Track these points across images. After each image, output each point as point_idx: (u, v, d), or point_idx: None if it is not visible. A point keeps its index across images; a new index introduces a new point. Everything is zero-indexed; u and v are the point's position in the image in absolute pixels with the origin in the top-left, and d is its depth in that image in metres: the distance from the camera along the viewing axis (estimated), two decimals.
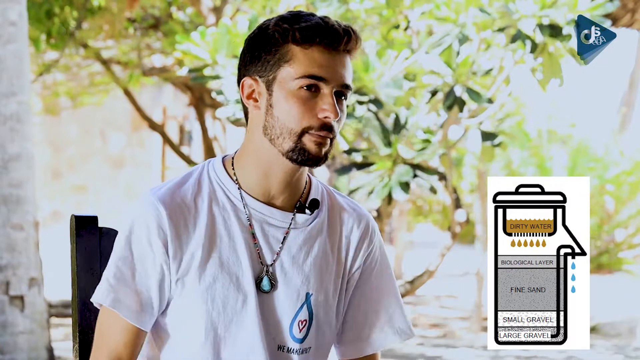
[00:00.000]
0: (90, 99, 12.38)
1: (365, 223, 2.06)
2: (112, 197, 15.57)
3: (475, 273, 9.01)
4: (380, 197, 5.96)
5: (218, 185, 1.98)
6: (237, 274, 1.94)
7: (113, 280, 1.93)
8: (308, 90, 1.90)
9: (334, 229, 2.03)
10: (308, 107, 1.90)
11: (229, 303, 1.94)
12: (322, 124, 1.91)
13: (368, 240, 2.06)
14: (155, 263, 1.93)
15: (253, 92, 1.95)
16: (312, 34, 1.90)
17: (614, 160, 13.83)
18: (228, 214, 1.96)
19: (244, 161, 1.98)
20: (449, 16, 6.08)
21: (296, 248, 1.98)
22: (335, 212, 2.05)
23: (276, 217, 1.97)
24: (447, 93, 6.16)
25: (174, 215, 1.93)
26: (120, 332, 1.93)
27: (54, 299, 8.70)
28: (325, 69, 1.91)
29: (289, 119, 1.90)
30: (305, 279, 1.98)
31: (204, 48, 6.24)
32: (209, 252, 1.94)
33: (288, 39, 1.91)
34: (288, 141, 1.91)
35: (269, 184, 1.97)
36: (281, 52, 1.91)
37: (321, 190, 2.05)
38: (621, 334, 8.85)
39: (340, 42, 1.91)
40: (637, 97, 17.60)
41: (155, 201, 1.93)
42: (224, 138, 11.92)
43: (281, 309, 1.97)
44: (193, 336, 1.95)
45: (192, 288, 1.93)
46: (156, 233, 1.92)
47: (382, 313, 2.07)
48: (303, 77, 1.90)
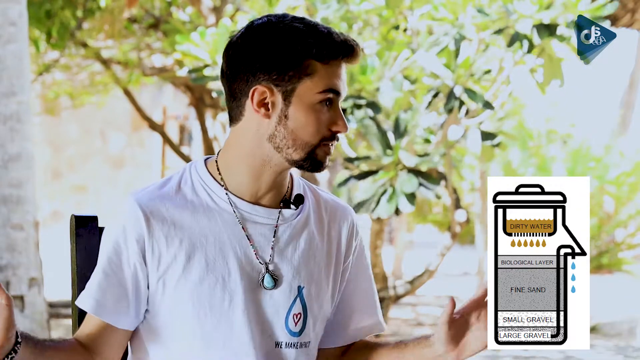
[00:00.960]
0: (90, 98, 12.39)
1: (351, 218, 2.11)
2: (112, 197, 15.58)
3: (475, 273, 9.00)
4: (388, 212, 5.96)
5: (202, 187, 2.00)
6: (223, 274, 1.96)
7: (90, 284, 1.98)
8: (326, 104, 1.95)
9: (321, 223, 2.06)
10: (323, 120, 1.95)
11: (216, 303, 1.95)
12: (333, 134, 1.97)
13: (355, 234, 2.11)
14: (130, 262, 1.96)
15: (265, 100, 1.95)
16: (335, 51, 1.94)
17: (613, 161, 13.84)
18: (212, 215, 1.98)
19: (232, 162, 2.00)
20: (447, 17, 6.09)
21: (284, 243, 2.01)
22: (320, 206, 2.08)
23: (263, 215, 2.00)
24: (447, 94, 6.16)
25: (151, 216, 1.95)
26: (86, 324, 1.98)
27: (54, 299, 8.71)
28: (342, 82, 1.97)
29: (305, 132, 1.94)
30: (296, 272, 2.00)
31: (203, 48, 6.25)
32: (193, 253, 1.95)
33: (311, 54, 1.93)
34: (300, 152, 1.95)
35: (258, 185, 1.99)
36: (302, 66, 1.93)
37: (303, 186, 2.09)
38: (621, 334, 8.85)
39: (354, 56, 1.97)
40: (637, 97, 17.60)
41: (132, 202, 1.96)
42: (224, 138, 11.92)
43: (275, 304, 1.98)
44: (182, 337, 1.97)
45: (177, 289, 1.95)
46: (132, 235, 1.95)
47: (367, 300, 2.12)
48: (324, 91, 1.94)
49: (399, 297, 7.65)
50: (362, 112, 6.19)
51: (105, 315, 1.96)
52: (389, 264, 12.64)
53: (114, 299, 1.96)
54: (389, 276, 7.89)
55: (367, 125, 6.14)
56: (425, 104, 6.35)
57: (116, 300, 1.96)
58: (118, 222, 1.97)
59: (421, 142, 6.96)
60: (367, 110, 6.21)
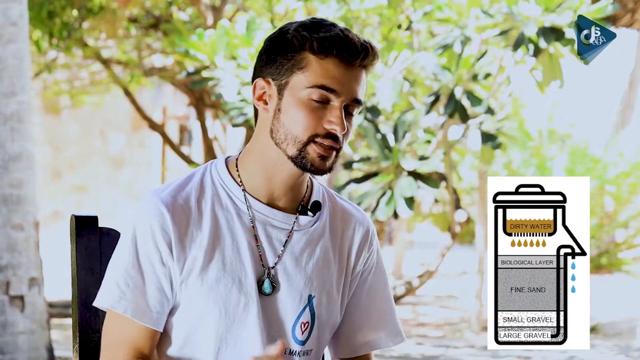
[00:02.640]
0: (90, 98, 12.39)
1: (366, 227, 2.06)
2: (112, 197, 15.57)
3: (475, 273, 9.01)
4: (386, 215, 5.96)
5: (221, 187, 1.98)
6: (239, 275, 1.94)
7: (124, 286, 1.92)
8: (318, 101, 1.90)
9: (335, 232, 2.03)
10: (315, 117, 1.90)
11: (232, 305, 1.93)
12: (328, 132, 1.91)
13: (368, 244, 2.07)
14: (164, 264, 1.92)
15: (264, 94, 1.95)
16: (329, 45, 1.89)
17: (613, 161, 13.82)
18: (231, 215, 1.96)
19: (249, 162, 1.98)
20: (451, 17, 6.08)
21: (299, 250, 1.98)
22: (336, 215, 2.05)
23: (279, 219, 1.97)
24: (447, 97, 6.15)
25: (177, 217, 1.93)
26: (139, 335, 1.92)
27: (54, 299, 8.70)
28: (338, 81, 1.90)
29: (294, 127, 1.90)
30: (308, 280, 1.98)
31: (202, 50, 6.24)
32: (212, 254, 1.93)
33: (305, 47, 1.90)
34: (292, 148, 1.91)
35: (272, 186, 1.97)
36: (297, 59, 1.91)
37: (322, 193, 2.05)
38: (621, 334, 8.85)
39: (357, 56, 1.90)
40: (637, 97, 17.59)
41: (158, 203, 1.93)
42: (224, 138, 11.93)
43: (283, 311, 1.97)
44: (195, 337, 1.95)
45: (195, 290, 1.93)
46: (160, 235, 1.91)
47: (377, 315, 2.08)
48: (314, 87, 1.90)
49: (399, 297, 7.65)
50: (361, 115, 6.18)
51: (159, 326, 1.92)
52: (389, 264, 12.64)
53: (159, 304, 1.92)
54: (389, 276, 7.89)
55: (366, 128, 6.13)
56: (426, 108, 6.34)
57: (159, 306, 1.92)
58: (144, 222, 1.92)
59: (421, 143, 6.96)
60: (366, 113, 6.20)
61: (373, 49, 1.92)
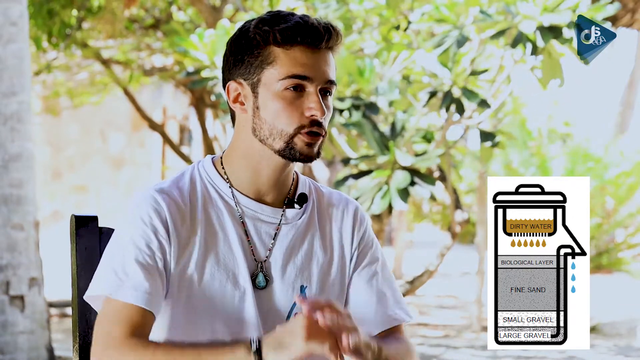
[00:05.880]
0: (90, 98, 12.38)
1: (353, 210, 2.09)
2: (112, 197, 15.57)
3: (475, 273, 9.01)
4: (381, 208, 5.95)
5: (210, 184, 2.01)
6: (233, 270, 1.97)
7: (122, 274, 1.90)
8: (293, 90, 1.93)
9: (324, 222, 2.07)
10: (295, 107, 1.93)
11: (227, 299, 1.95)
12: (311, 121, 1.93)
13: (359, 226, 2.09)
14: (161, 250, 1.92)
15: (239, 95, 1.98)
16: (292, 35, 1.92)
17: (613, 161, 13.82)
18: (221, 211, 1.99)
19: (234, 160, 2.01)
20: (449, 17, 6.08)
21: (288, 242, 2.01)
22: (323, 205, 2.08)
23: (267, 214, 2.00)
24: (445, 94, 6.16)
25: (173, 210, 1.95)
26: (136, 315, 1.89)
27: (54, 299, 8.70)
28: (309, 67, 1.93)
29: (278, 121, 1.93)
30: (299, 272, 2.01)
31: (202, 50, 6.24)
32: (206, 250, 1.96)
33: (269, 41, 1.93)
34: (279, 141, 1.94)
35: (259, 182, 2.00)
36: (263, 55, 1.93)
37: (308, 185, 2.09)
38: (621, 334, 8.85)
39: (321, 40, 1.93)
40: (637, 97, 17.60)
41: (155, 194, 1.95)
42: (224, 138, 11.92)
43: (278, 303, 1.99)
44: (190, 331, 1.96)
45: (190, 286, 1.95)
46: (158, 221, 1.93)
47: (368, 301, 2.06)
48: (287, 77, 1.92)
49: None
50: (359, 113, 6.19)
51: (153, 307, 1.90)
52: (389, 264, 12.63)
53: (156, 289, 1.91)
54: None
55: (364, 125, 6.14)
56: (422, 103, 6.35)
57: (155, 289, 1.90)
58: (142, 210, 1.93)
59: (419, 142, 6.95)
60: (365, 111, 6.21)
61: (336, 30, 1.95)
